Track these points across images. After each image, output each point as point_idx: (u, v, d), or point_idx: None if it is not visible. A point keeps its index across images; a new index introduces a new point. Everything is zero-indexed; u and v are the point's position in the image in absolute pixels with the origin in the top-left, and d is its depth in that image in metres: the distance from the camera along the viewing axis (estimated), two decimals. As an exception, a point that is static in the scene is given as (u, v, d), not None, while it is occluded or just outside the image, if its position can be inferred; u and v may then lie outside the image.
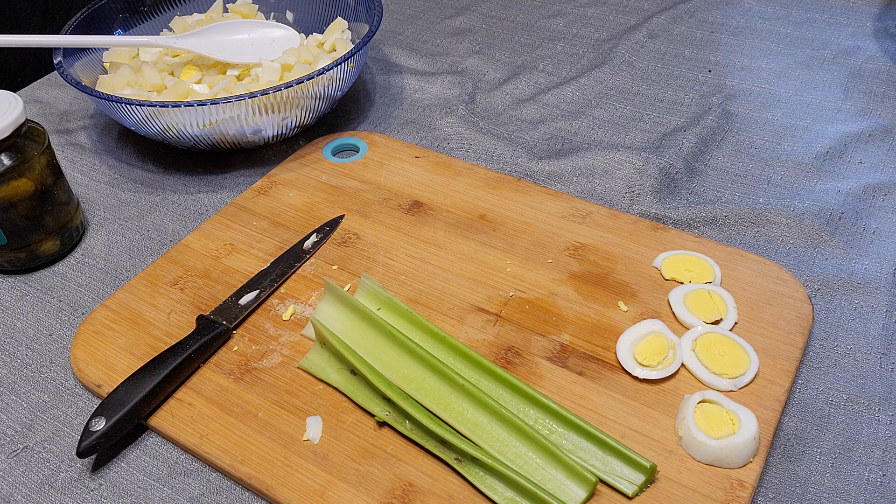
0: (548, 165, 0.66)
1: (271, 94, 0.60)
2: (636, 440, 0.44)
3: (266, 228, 0.60)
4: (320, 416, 0.46)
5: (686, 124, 0.71)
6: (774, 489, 0.43)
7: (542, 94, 0.76)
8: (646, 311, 0.52)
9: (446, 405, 0.45)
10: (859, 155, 0.66)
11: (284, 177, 0.65)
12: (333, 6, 0.78)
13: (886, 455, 0.44)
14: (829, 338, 0.51)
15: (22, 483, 0.45)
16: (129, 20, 0.76)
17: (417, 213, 0.61)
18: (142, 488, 0.44)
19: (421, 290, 0.54)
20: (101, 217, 0.64)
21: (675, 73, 0.79)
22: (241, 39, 0.72)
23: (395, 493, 0.42)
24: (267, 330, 0.52)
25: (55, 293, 0.57)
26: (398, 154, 0.67)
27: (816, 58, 0.79)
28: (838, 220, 0.60)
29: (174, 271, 0.56)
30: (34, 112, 0.77)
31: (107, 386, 0.48)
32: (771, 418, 0.45)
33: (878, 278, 0.55)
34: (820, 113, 0.72)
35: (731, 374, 0.47)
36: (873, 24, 0.84)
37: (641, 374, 0.47)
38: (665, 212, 0.61)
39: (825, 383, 0.48)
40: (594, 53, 0.83)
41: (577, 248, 0.57)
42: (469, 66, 0.81)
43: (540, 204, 0.61)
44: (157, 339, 0.51)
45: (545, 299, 0.53)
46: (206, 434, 0.45)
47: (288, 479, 0.43)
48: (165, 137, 0.65)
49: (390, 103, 0.76)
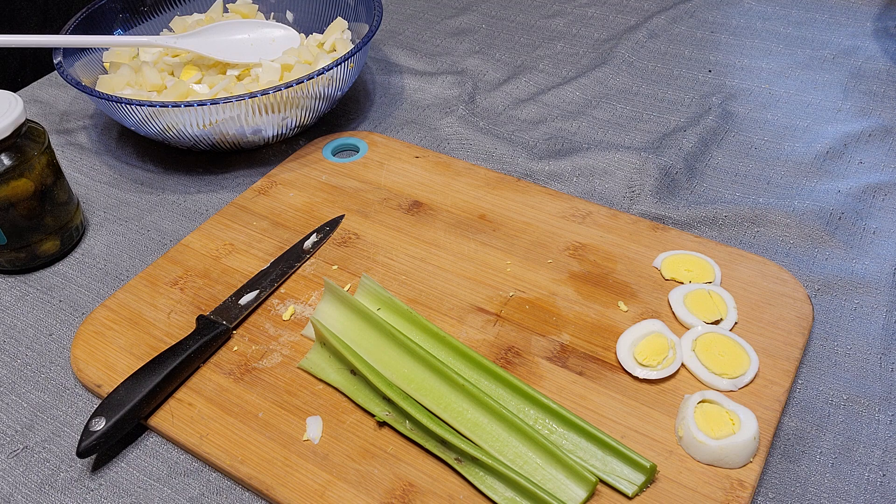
0: (548, 165, 0.66)
1: (271, 94, 0.60)
2: (636, 440, 0.44)
3: (266, 228, 0.60)
4: (320, 416, 0.46)
5: (686, 124, 0.71)
6: (774, 489, 0.43)
7: (542, 94, 0.76)
8: (646, 311, 0.52)
9: (446, 405, 0.45)
10: (859, 155, 0.66)
11: (284, 177, 0.65)
12: (333, 6, 0.78)
13: (886, 455, 0.44)
14: (829, 338, 0.51)
15: (22, 483, 0.45)
16: (129, 20, 0.76)
17: (417, 213, 0.61)
18: (142, 488, 0.44)
19: (421, 290, 0.54)
20: (101, 217, 0.64)
21: (675, 73, 0.79)
22: (241, 39, 0.72)
23: (395, 493, 0.42)
24: (267, 330, 0.52)
25: (55, 293, 0.57)
26: (398, 154, 0.67)
27: (816, 58, 0.79)
28: (838, 220, 0.60)
29: (174, 271, 0.56)
30: (34, 112, 0.77)
31: (107, 386, 0.48)
32: (771, 418, 0.45)
33: (878, 278, 0.55)
34: (820, 113, 0.72)
35: (731, 374, 0.47)
36: (873, 24, 0.84)
37: (641, 374, 0.47)
38: (665, 212, 0.61)
39: (825, 383, 0.48)
40: (594, 53, 0.83)
41: (577, 248, 0.57)
42: (469, 66, 0.81)
43: (540, 204, 0.61)
44: (157, 339, 0.51)
45: (545, 299, 0.53)
46: (206, 434, 0.45)
47: (288, 479, 0.43)
48: (165, 137, 0.65)
49: (390, 103, 0.76)
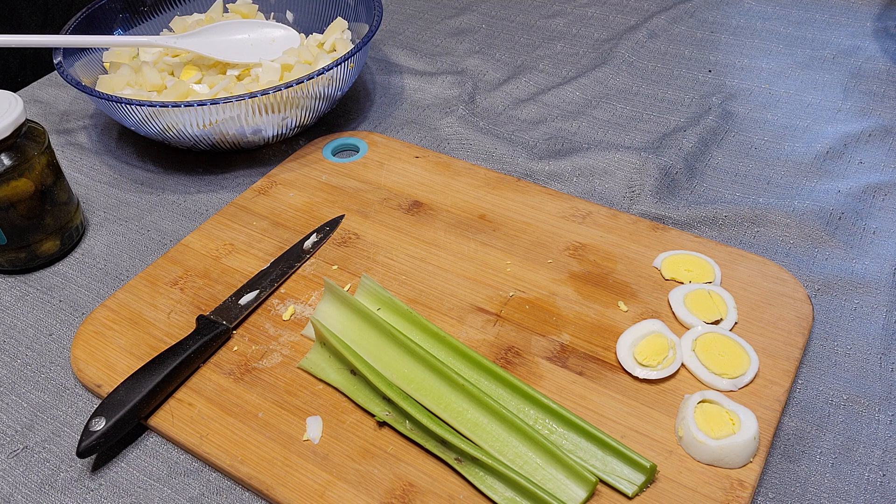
0: (548, 165, 0.66)
1: (271, 94, 0.60)
2: (636, 440, 0.44)
3: (266, 228, 0.60)
4: (320, 416, 0.46)
5: (686, 124, 0.71)
6: (774, 489, 0.43)
7: (542, 94, 0.76)
8: (646, 311, 0.52)
9: (446, 405, 0.45)
10: (859, 155, 0.66)
11: (284, 177, 0.65)
12: (333, 6, 0.78)
13: (886, 455, 0.44)
14: (829, 338, 0.51)
15: (22, 483, 0.45)
16: (129, 20, 0.76)
17: (417, 213, 0.61)
18: (142, 488, 0.44)
19: (421, 290, 0.54)
20: (101, 217, 0.64)
21: (675, 73, 0.79)
22: (241, 39, 0.72)
23: (395, 493, 0.42)
24: (267, 330, 0.52)
25: (55, 293, 0.57)
26: (398, 154, 0.67)
27: (816, 58, 0.79)
28: (838, 220, 0.60)
29: (174, 271, 0.56)
30: (34, 112, 0.77)
31: (107, 386, 0.48)
32: (771, 418, 0.45)
33: (878, 278, 0.55)
34: (820, 113, 0.72)
35: (731, 374, 0.47)
36: (873, 24, 0.84)
37: (641, 374, 0.47)
38: (665, 212, 0.61)
39: (825, 383, 0.48)
40: (594, 53, 0.83)
41: (577, 248, 0.57)
42: (469, 66, 0.81)
43: (540, 204, 0.61)
44: (157, 339, 0.51)
45: (545, 299, 0.53)
46: (206, 434, 0.45)
47: (288, 479, 0.43)
48: (165, 137, 0.65)
49: (390, 103, 0.76)
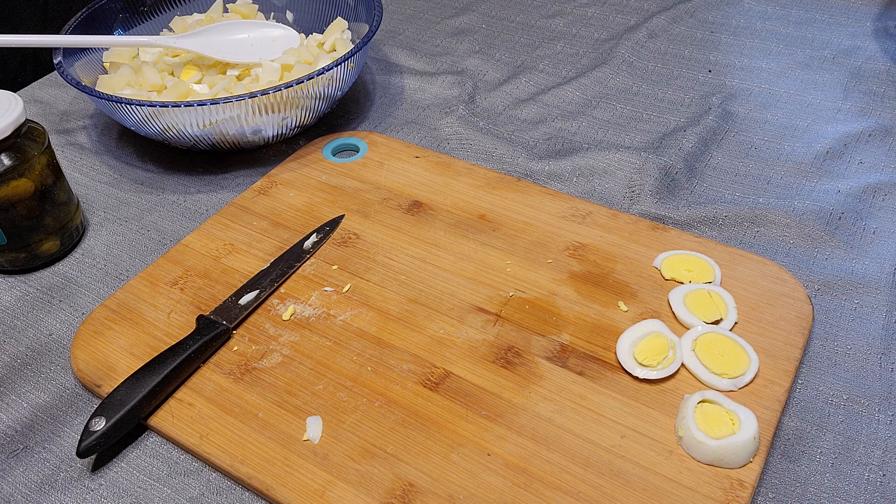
0: (548, 165, 0.66)
1: (271, 94, 0.60)
2: (636, 440, 0.44)
3: (266, 228, 0.60)
4: (320, 416, 0.46)
5: (686, 124, 0.71)
6: (774, 489, 0.43)
7: (542, 94, 0.76)
8: (646, 311, 0.52)
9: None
10: (859, 155, 0.66)
11: (284, 177, 0.65)
12: (333, 6, 0.78)
13: (886, 455, 0.44)
14: (829, 338, 0.51)
15: (22, 483, 0.45)
16: (129, 20, 0.76)
17: (417, 213, 0.61)
18: (142, 488, 0.44)
19: (421, 290, 0.54)
20: (101, 217, 0.64)
21: (675, 73, 0.79)
22: (241, 39, 0.72)
23: (395, 493, 0.42)
24: (267, 330, 0.52)
25: (55, 293, 0.57)
26: (398, 154, 0.67)
27: (816, 58, 0.79)
28: (838, 220, 0.60)
29: (174, 271, 0.56)
30: (34, 112, 0.77)
31: (107, 386, 0.48)
32: (771, 418, 0.45)
33: (878, 278, 0.55)
34: (820, 113, 0.72)
35: (731, 374, 0.47)
36: (873, 24, 0.84)
37: (641, 374, 0.47)
38: (665, 212, 0.61)
39: (825, 383, 0.48)
40: (594, 53, 0.83)
41: (577, 248, 0.57)
42: (469, 66, 0.81)
43: (540, 204, 0.61)
44: (157, 339, 0.51)
45: (545, 299, 0.53)
46: (206, 434, 0.45)
47: (288, 479, 0.43)
48: (165, 137, 0.65)
49: (390, 103, 0.76)
